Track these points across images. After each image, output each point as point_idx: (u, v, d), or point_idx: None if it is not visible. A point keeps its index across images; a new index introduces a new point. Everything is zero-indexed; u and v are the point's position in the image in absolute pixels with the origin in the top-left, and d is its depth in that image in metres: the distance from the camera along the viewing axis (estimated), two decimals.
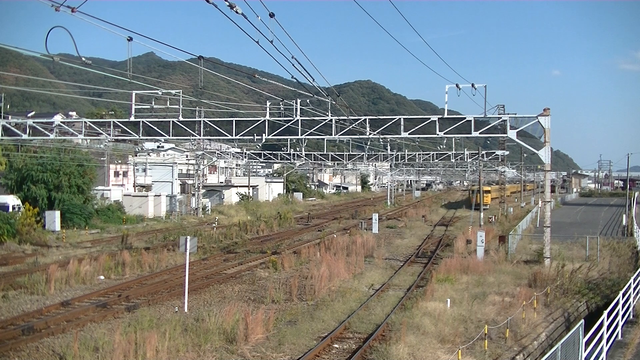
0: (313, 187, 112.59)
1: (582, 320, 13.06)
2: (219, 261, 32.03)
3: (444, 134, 28.13)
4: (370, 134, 29.25)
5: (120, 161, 69.41)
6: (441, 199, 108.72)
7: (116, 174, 68.40)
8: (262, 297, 22.10)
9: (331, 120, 28.93)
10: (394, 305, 21.14)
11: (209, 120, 30.68)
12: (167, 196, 61.92)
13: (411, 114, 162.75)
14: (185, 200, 63.63)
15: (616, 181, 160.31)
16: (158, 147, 76.81)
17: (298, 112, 29.15)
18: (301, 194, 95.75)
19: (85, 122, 33.02)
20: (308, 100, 28.83)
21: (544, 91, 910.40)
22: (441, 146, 55.53)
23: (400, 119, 28.66)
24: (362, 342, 16.85)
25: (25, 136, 32.70)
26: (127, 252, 29.81)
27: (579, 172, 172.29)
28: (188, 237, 21.19)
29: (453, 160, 56.38)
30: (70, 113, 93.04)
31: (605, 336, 13.85)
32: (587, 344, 12.76)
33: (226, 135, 30.58)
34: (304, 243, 39.13)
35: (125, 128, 31.43)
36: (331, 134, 29.29)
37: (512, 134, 27.92)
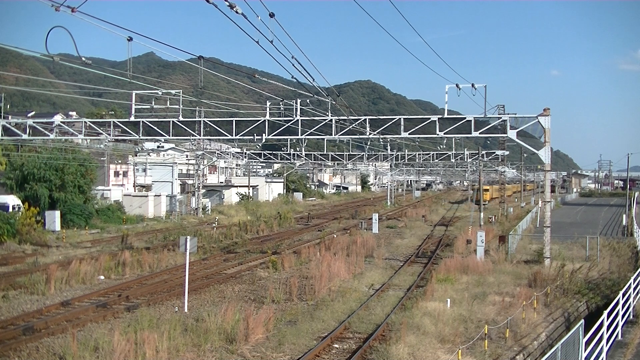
0: (313, 187, 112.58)
1: (582, 320, 13.05)
2: (219, 261, 32.02)
3: (444, 134, 28.11)
4: (370, 134, 29.24)
5: (120, 161, 69.44)
6: (441, 198, 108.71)
7: (116, 174, 68.41)
8: (262, 297, 22.08)
9: (331, 120, 28.91)
10: (394, 305, 21.14)
11: (209, 120, 30.67)
12: (167, 196, 61.92)
13: (411, 114, 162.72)
14: (185, 200, 63.64)
15: (616, 181, 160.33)
16: (158, 147, 76.82)
17: (298, 112, 29.14)
18: (301, 194, 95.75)
19: (85, 122, 33.01)
20: (308, 100, 28.82)
21: (543, 91, 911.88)
22: (441, 146, 55.50)
23: (400, 119, 28.65)
24: (362, 342, 16.85)
25: (25, 136, 32.69)
26: (127, 252, 29.80)
27: (579, 172, 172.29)
28: (188, 237, 21.19)
29: (453, 160, 56.35)
30: (70, 113, 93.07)
31: (605, 336, 13.84)
32: (587, 344, 12.75)
33: (226, 135, 30.58)
34: (304, 243, 39.12)
35: (125, 128, 31.43)
36: (331, 134, 29.27)
37: (512, 134, 27.91)
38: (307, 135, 29.73)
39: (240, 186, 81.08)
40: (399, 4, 20.49)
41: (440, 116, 28.22)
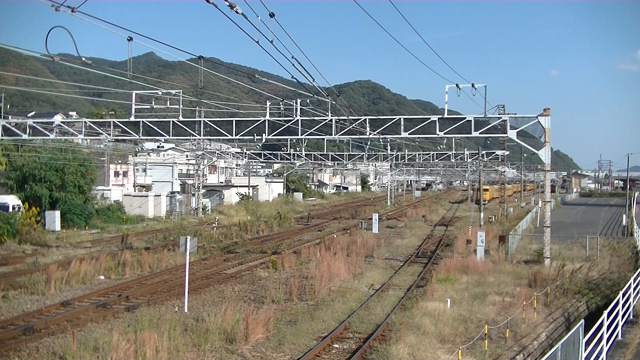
0: (313, 187, 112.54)
1: (582, 320, 13.05)
2: (219, 261, 32.02)
3: (444, 134, 28.10)
4: (370, 134, 29.23)
5: (120, 161, 69.43)
6: (441, 198, 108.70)
7: (116, 174, 68.41)
8: (262, 297, 22.08)
9: (331, 120, 28.91)
10: (394, 305, 21.14)
11: (209, 120, 30.66)
12: (167, 196, 61.92)
13: (411, 114, 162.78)
14: (185, 200, 63.65)
15: (616, 181, 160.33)
16: (158, 147, 76.83)
17: (298, 112, 29.14)
18: (301, 194, 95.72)
19: (85, 122, 33.00)
20: (308, 100, 28.80)
21: (543, 91, 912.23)
22: (441, 146, 55.49)
23: (400, 119, 28.65)
24: (362, 342, 16.85)
25: (25, 136, 32.67)
26: (127, 252, 29.80)
27: (579, 172, 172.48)
28: (188, 237, 21.19)
29: (453, 160, 56.34)
30: (70, 113, 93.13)
31: (605, 336, 13.84)
32: (587, 344, 12.75)
33: (226, 135, 30.57)
34: (304, 243, 39.12)
35: (125, 128, 31.41)
36: (331, 134, 29.26)
37: (512, 134, 27.91)
38: (307, 135, 29.72)
39: (240, 186, 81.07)
40: (399, 4, 20.50)
41: (440, 116, 28.21)
